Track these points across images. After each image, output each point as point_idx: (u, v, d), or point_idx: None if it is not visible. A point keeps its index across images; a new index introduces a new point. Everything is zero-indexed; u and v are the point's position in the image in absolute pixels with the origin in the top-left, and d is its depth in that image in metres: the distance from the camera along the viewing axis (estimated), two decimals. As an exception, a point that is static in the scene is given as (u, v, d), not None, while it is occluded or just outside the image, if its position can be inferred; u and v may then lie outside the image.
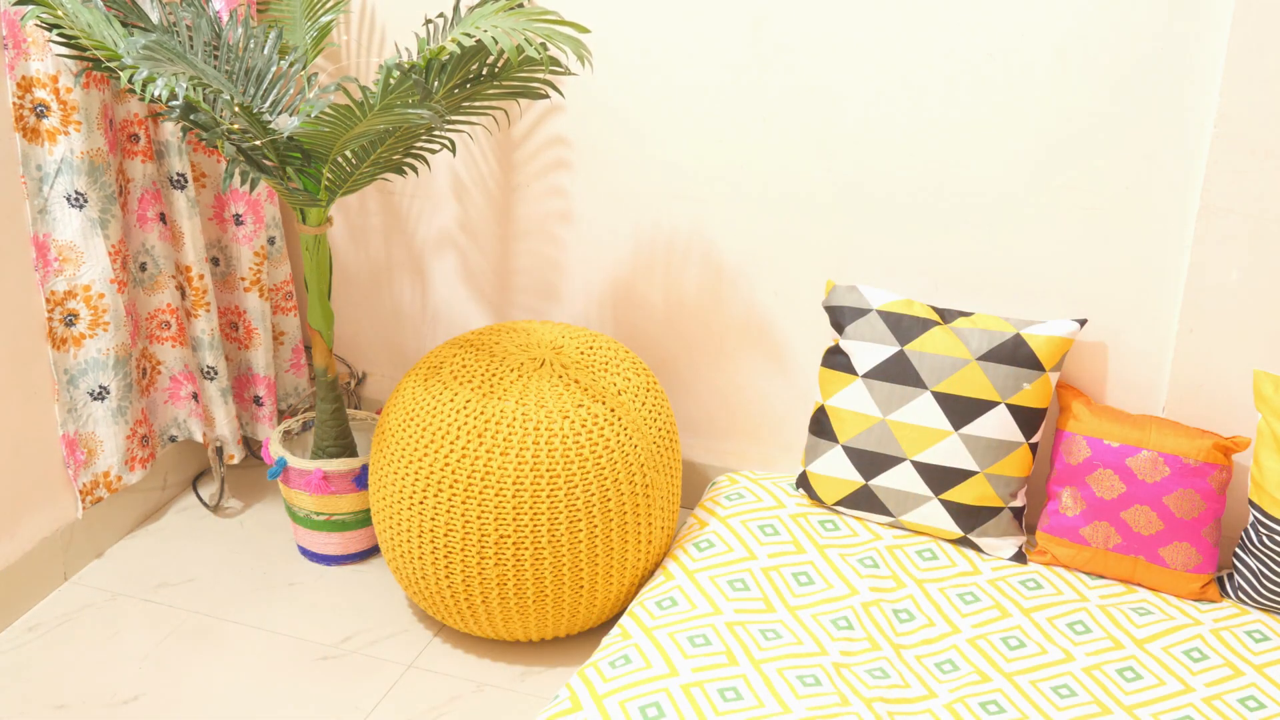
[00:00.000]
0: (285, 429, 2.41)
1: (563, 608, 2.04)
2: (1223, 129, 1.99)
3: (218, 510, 2.54)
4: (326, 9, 2.27)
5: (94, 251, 2.14)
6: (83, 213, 2.11)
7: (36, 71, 2.03)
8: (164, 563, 2.36)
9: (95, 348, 2.19)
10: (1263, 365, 2.10)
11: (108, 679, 2.07)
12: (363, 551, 2.38)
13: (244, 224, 2.42)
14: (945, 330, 2.16)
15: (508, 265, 2.54)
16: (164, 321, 2.36)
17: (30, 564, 2.20)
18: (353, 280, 2.68)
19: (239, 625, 2.20)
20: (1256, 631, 2.00)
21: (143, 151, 2.24)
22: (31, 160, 2.07)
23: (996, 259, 2.21)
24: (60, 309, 2.15)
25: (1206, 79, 1.99)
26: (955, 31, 2.10)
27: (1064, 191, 2.13)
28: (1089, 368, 2.23)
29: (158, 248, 2.30)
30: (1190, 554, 2.07)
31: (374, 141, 2.02)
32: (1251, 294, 2.07)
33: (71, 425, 2.21)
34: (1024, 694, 1.85)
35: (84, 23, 1.87)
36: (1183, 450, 2.06)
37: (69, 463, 2.23)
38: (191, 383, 2.40)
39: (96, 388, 2.22)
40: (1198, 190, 2.05)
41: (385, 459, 2.06)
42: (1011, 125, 2.13)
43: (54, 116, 2.05)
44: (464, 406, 1.99)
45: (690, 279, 2.41)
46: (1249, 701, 1.85)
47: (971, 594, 2.07)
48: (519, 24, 1.82)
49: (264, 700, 2.02)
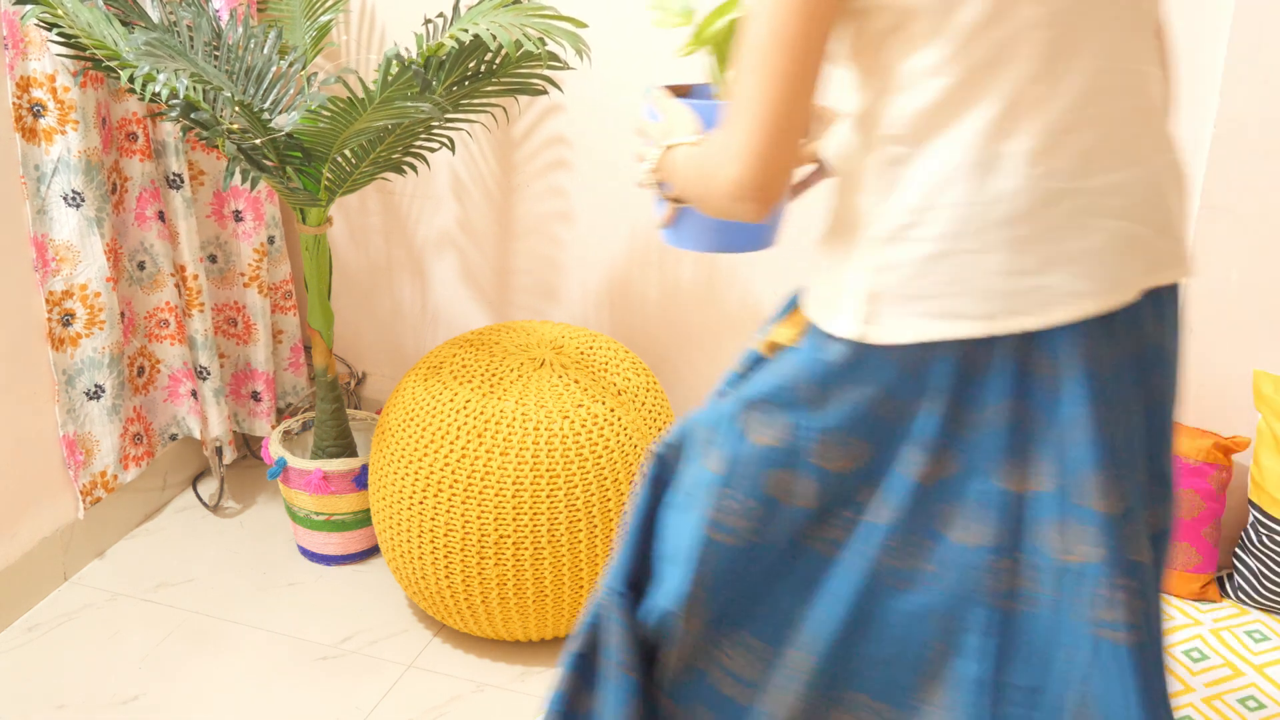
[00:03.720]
0: (285, 429, 2.41)
1: (563, 608, 2.04)
2: (1223, 129, 1.99)
3: (217, 510, 2.54)
4: (326, 8, 2.27)
5: (91, 250, 2.13)
6: (79, 212, 2.11)
7: (34, 71, 2.03)
8: (164, 563, 2.36)
9: (91, 346, 2.19)
10: (1263, 365, 2.10)
11: (108, 679, 2.06)
12: (363, 551, 2.38)
13: (244, 220, 2.42)
14: (945, 330, 2.17)
15: (507, 265, 2.54)
16: (163, 320, 2.35)
17: (30, 564, 2.20)
18: (353, 280, 2.68)
19: (239, 625, 2.20)
20: (1256, 631, 2.00)
21: (141, 150, 2.24)
22: (30, 160, 2.07)
23: (996, 259, 2.21)
24: (58, 309, 2.15)
25: (1206, 79, 1.99)
26: (955, 31, 2.10)
27: (1064, 191, 2.14)
28: (1089, 367, 2.23)
29: (156, 246, 2.30)
30: (1190, 554, 2.07)
31: (374, 140, 2.02)
32: (1251, 294, 2.07)
33: (71, 426, 2.21)
34: (1024, 694, 1.85)
35: (84, 22, 1.86)
36: (1182, 450, 2.06)
37: (69, 463, 2.23)
38: (191, 380, 2.40)
39: (92, 386, 2.22)
40: (1198, 190, 2.05)
41: (385, 459, 2.06)
42: (1011, 125, 2.12)
43: (51, 116, 2.05)
44: (464, 406, 1.99)
45: (688, 278, 2.41)
46: (1249, 701, 1.85)
47: (971, 594, 2.07)
48: (517, 19, 1.83)
49: (264, 700, 2.02)
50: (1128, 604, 1.05)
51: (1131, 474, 1.09)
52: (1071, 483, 1.05)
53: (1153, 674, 1.08)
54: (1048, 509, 1.06)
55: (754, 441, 1.13)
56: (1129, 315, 1.07)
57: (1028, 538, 1.08)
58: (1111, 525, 1.04)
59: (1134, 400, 1.10)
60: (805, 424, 1.10)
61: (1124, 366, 1.08)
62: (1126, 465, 1.07)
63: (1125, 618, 1.05)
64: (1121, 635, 1.04)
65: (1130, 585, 1.06)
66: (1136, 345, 1.09)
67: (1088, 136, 1.03)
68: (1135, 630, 1.05)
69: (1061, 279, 1.02)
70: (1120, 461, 1.06)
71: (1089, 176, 1.03)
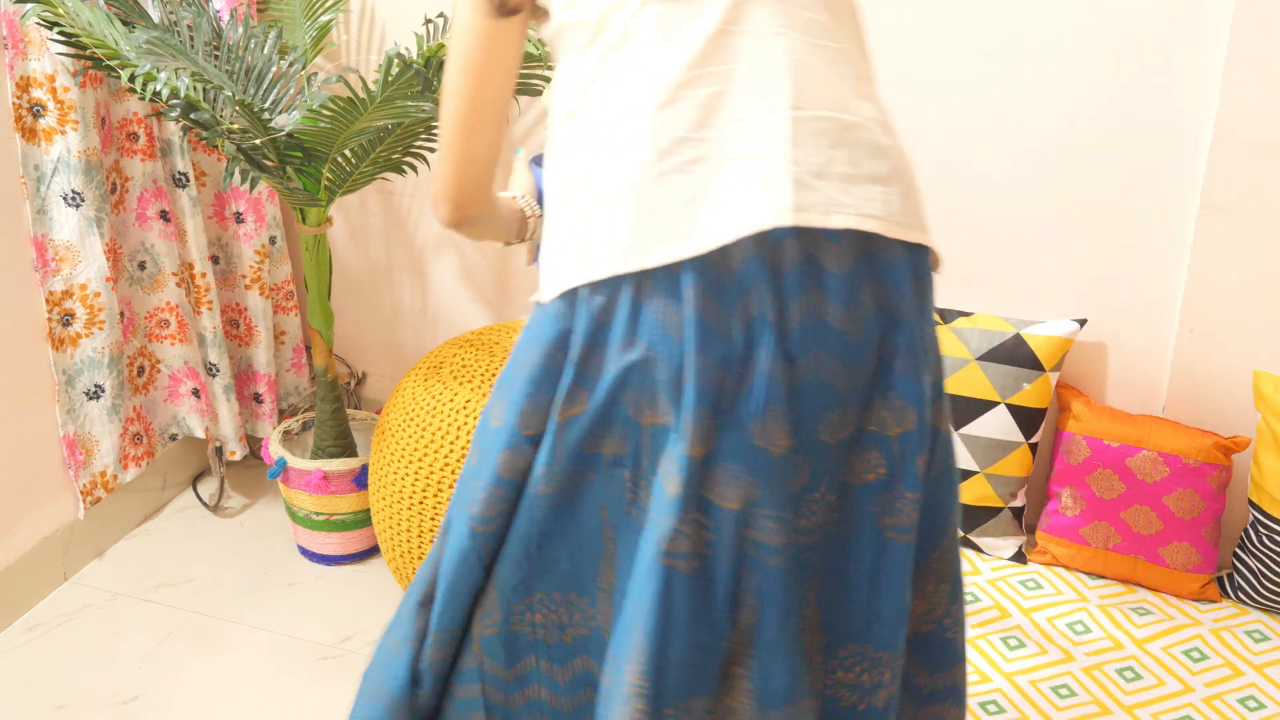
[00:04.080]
0: (285, 429, 2.41)
1: (563, 608, 2.04)
2: (1223, 129, 1.99)
3: (217, 510, 2.54)
4: (326, 9, 2.27)
5: (90, 250, 2.13)
6: (79, 212, 2.11)
7: (34, 71, 2.03)
8: (164, 562, 2.36)
9: (91, 346, 2.19)
10: (1263, 365, 2.10)
11: (108, 679, 2.06)
12: (363, 551, 2.38)
13: (245, 222, 2.42)
14: (945, 330, 2.16)
15: (508, 265, 2.54)
16: (163, 320, 2.36)
17: (30, 564, 2.20)
18: (353, 280, 2.68)
19: (239, 625, 2.20)
20: (1256, 631, 2.00)
21: (142, 150, 2.24)
22: (30, 160, 2.07)
23: (996, 259, 2.21)
24: (58, 309, 2.15)
25: (1206, 79, 1.99)
26: (956, 31, 2.10)
27: (1064, 191, 2.13)
28: (1089, 368, 2.23)
29: (158, 246, 2.30)
30: (1190, 554, 2.07)
31: (374, 140, 2.02)
32: (1251, 294, 2.07)
33: (71, 426, 2.21)
34: (1024, 694, 1.85)
35: (84, 21, 1.86)
36: (1183, 450, 2.06)
37: (69, 464, 2.23)
38: (193, 379, 2.40)
39: (92, 386, 2.22)
40: (1198, 190, 2.05)
41: (385, 459, 2.06)
42: (1012, 125, 2.13)
43: (51, 116, 2.05)
44: (464, 406, 1.99)
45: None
46: (1249, 701, 1.85)
47: (971, 594, 2.07)
48: (518, 22, 1.83)
49: (264, 700, 2.02)
50: (692, 536, 1.10)
51: (808, 418, 1.11)
52: (680, 421, 1.09)
53: (696, 597, 1.12)
54: (663, 441, 1.11)
55: (491, 425, 1.20)
56: (769, 260, 1.07)
57: (651, 463, 1.13)
58: (691, 466, 1.09)
59: (816, 342, 1.10)
60: (513, 396, 1.17)
61: (784, 310, 1.08)
62: (779, 408, 1.09)
63: (686, 548, 1.10)
64: (681, 564, 1.10)
65: (699, 520, 1.10)
66: (814, 292, 1.09)
67: (708, 91, 1.09)
68: (691, 559, 1.10)
69: (676, 220, 1.07)
70: (726, 407, 1.08)
71: (713, 128, 1.08)
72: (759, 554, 1.12)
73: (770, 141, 1.08)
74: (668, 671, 1.12)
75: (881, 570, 1.17)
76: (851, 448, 1.15)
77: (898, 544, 1.17)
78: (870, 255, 1.11)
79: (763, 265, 1.07)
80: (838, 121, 1.11)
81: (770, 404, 1.08)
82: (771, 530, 1.12)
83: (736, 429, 1.09)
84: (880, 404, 1.14)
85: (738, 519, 1.11)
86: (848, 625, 1.20)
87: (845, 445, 1.14)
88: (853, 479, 1.16)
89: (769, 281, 1.07)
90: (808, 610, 1.18)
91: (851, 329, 1.10)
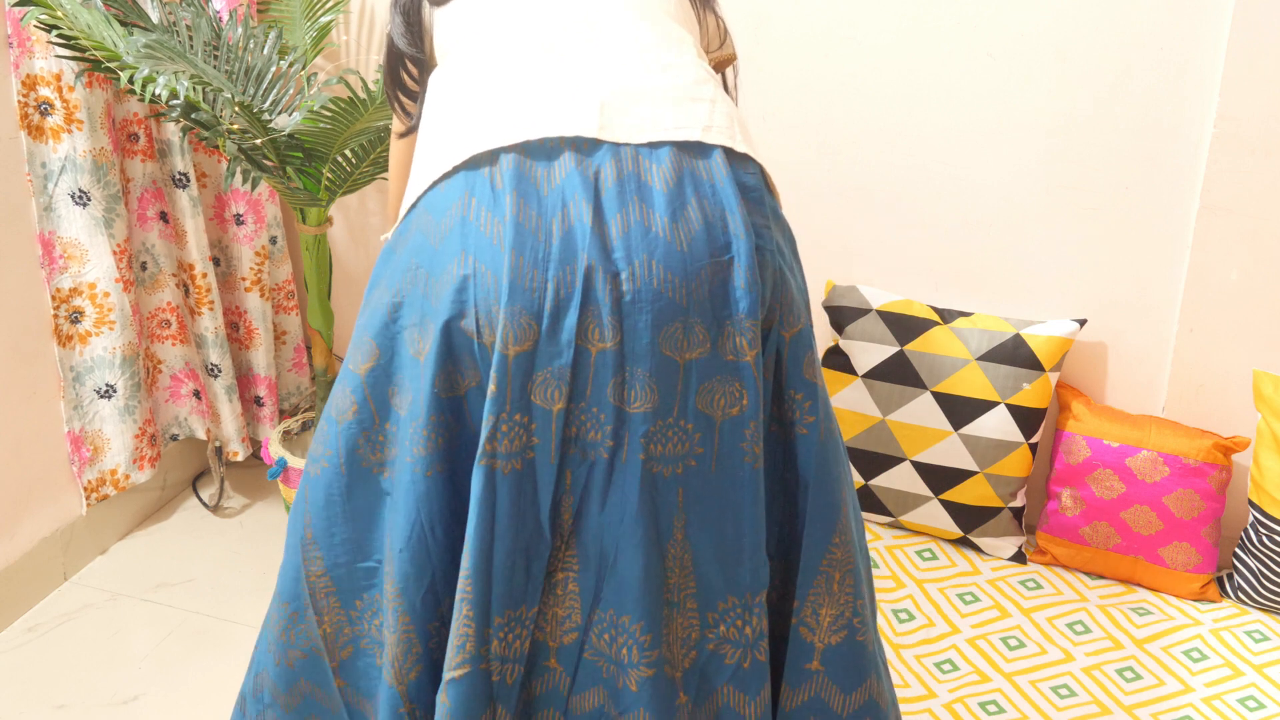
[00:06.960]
0: (285, 429, 2.41)
1: (562, 607, 2.04)
2: (1223, 129, 1.99)
3: (218, 510, 2.54)
4: (326, 9, 2.27)
5: (98, 250, 2.14)
6: (86, 211, 2.11)
7: (40, 69, 2.03)
8: (164, 562, 2.37)
9: (101, 346, 2.19)
10: (1263, 365, 2.10)
11: (108, 679, 2.07)
12: (363, 551, 2.38)
13: (245, 224, 2.42)
14: (945, 330, 2.16)
15: (508, 265, 2.53)
16: (164, 320, 2.36)
17: (30, 564, 2.21)
18: (353, 280, 2.68)
19: (239, 625, 2.20)
20: (1256, 631, 2.00)
21: (142, 151, 2.24)
22: (36, 158, 2.07)
23: (996, 259, 2.21)
24: (65, 306, 2.15)
25: (1206, 79, 1.99)
26: (956, 32, 2.10)
27: (1064, 191, 2.14)
28: (1089, 368, 2.23)
29: (158, 246, 2.30)
30: (1190, 554, 2.07)
31: (374, 140, 2.02)
32: (1251, 294, 2.07)
33: (77, 422, 2.21)
34: (1024, 694, 1.85)
35: (83, 23, 1.87)
36: (1182, 450, 2.06)
37: (73, 459, 2.23)
38: (193, 380, 2.40)
39: (103, 385, 2.22)
40: (1198, 190, 2.05)
41: (385, 459, 2.06)
42: (1012, 125, 2.13)
43: (57, 115, 2.05)
44: (464, 406, 1.98)
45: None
46: (1249, 701, 1.85)
47: (971, 594, 2.07)
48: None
49: (264, 700, 2.02)
50: (511, 436, 1.12)
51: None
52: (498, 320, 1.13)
53: (521, 499, 1.14)
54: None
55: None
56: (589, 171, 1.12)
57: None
58: (502, 364, 1.10)
59: (645, 249, 1.12)
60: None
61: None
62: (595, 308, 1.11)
63: (506, 448, 1.12)
64: (501, 464, 1.12)
65: (522, 421, 1.12)
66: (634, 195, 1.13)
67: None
68: (511, 459, 1.12)
69: (492, 122, 1.17)
70: (534, 301, 1.11)
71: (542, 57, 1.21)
72: (583, 452, 1.13)
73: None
74: (495, 577, 1.13)
75: (746, 503, 1.17)
76: (707, 374, 1.14)
77: (755, 469, 1.16)
78: (693, 171, 1.15)
79: (583, 177, 1.12)
80: (656, 61, 1.21)
81: (589, 303, 1.10)
82: (593, 427, 1.12)
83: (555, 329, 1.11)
84: (731, 328, 1.14)
85: (561, 417, 1.11)
86: (725, 574, 1.18)
87: (698, 368, 1.14)
88: (716, 413, 1.15)
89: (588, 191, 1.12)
90: (673, 546, 1.16)
91: (679, 240, 1.12)
